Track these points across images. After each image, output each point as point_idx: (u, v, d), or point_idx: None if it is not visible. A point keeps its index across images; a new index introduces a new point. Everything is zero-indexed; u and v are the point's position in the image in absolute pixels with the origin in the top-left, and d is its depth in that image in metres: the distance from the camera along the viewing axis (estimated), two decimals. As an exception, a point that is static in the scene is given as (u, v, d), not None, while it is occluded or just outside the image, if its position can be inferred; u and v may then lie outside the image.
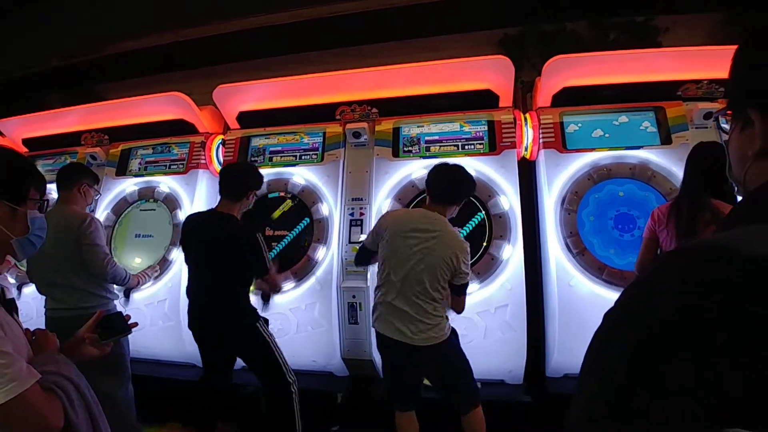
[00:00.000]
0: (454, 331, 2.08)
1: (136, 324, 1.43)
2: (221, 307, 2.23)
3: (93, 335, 1.27)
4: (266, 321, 2.34)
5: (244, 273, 2.29)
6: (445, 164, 2.13)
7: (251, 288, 2.42)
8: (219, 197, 2.35)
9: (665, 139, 2.63)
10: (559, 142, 2.71)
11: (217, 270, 2.22)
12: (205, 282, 2.27)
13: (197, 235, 2.30)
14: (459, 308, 2.11)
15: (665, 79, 2.67)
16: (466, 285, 2.06)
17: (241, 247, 2.22)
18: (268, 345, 2.27)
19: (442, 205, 2.06)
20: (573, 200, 2.58)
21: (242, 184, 2.33)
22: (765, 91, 0.48)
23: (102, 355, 1.29)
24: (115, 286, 2.51)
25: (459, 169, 2.10)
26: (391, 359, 2.12)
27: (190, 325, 2.32)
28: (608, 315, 0.45)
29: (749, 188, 0.51)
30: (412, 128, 2.94)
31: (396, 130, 2.94)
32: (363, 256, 2.24)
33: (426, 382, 2.17)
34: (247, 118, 3.22)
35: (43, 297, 2.40)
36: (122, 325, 1.38)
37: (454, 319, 2.17)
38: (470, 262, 2.05)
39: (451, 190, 2.07)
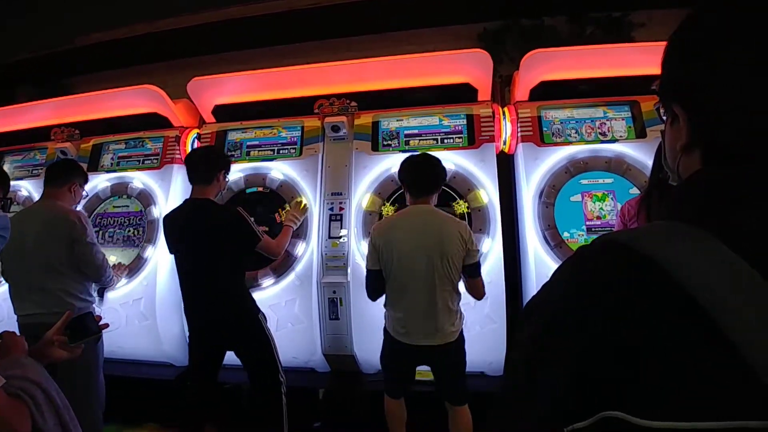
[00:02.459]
0: (463, 334, 2.07)
1: (107, 325, 1.39)
2: (221, 295, 2.18)
3: (62, 337, 1.22)
4: (265, 317, 2.30)
5: (237, 252, 2.23)
6: (415, 157, 2.12)
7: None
8: (191, 187, 2.29)
9: (640, 133, 2.67)
10: (537, 135, 2.73)
11: (210, 258, 2.16)
12: (200, 274, 2.20)
13: (180, 231, 2.23)
14: (479, 293, 2.06)
15: (640, 74, 2.70)
16: (479, 264, 2.03)
17: (225, 226, 2.17)
18: (268, 340, 2.24)
19: (426, 196, 2.04)
20: (551, 193, 2.61)
21: (209, 164, 2.27)
22: (684, 86, 0.49)
23: (72, 357, 1.24)
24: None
25: (429, 157, 2.10)
26: (403, 363, 2.11)
27: (189, 320, 2.27)
28: (527, 304, 0.48)
29: (682, 180, 0.53)
30: (391, 122, 2.93)
31: (375, 124, 2.92)
32: (372, 280, 2.05)
33: (422, 377, 2.18)
34: (223, 112, 3.16)
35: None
36: (93, 326, 1.33)
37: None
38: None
39: (429, 179, 2.05)
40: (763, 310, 0.32)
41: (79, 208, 3.17)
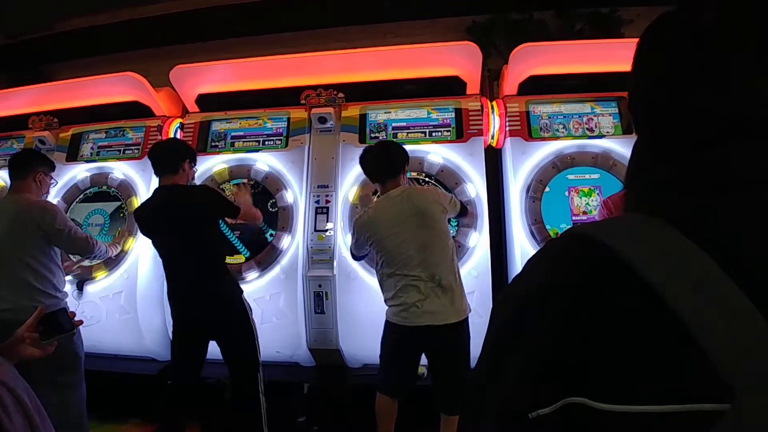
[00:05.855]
0: (468, 330, 2.04)
1: (81, 321, 1.34)
2: (205, 276, 2.16)
3: (33, 334, 1.17)
4: (250, 307, 2.28)
5: (215, 233, 2.25)
6: (370, 147, 2.18)
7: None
8: (158, 179, 2.26)
9: (627, 129, 2.68)
10: (525, 130, 2.72)
11: (190, 240, 2.13)
12: (182, 258, 2.17)
13: (155, 219, 2.20)
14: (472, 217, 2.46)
15: (628, 70, 2.71)
16: (464, 208, 2.23)
17: (200, 201, 2.18)
18: (252, 332, 2.22)
19: (391, 180, 2.07)
20: (538, 188, 2.61)
21: (172, 154, 2.24)
22: (629, 86, 0.53)
23: (45, 355, 1.20)
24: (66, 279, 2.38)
25: (382, 143, 2.20)
26: (406, 351, 2.05)
27: (175, 309, 2.24)
28: (499, 295, 0.50)
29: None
30: (379, 114, 2.89)
31: (363, 116, 2.88)
32: (356, 255, 2.28)
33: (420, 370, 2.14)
34: (207, 101, 3.08)
35: None
36: (66, 322, 1.28)
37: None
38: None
39: (386, 163, 2.09)
40: (713, 295, 0.33)
41: (54, 198, 3.10)
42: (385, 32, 3.78)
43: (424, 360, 2.14)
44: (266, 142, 2.98)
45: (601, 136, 2.68)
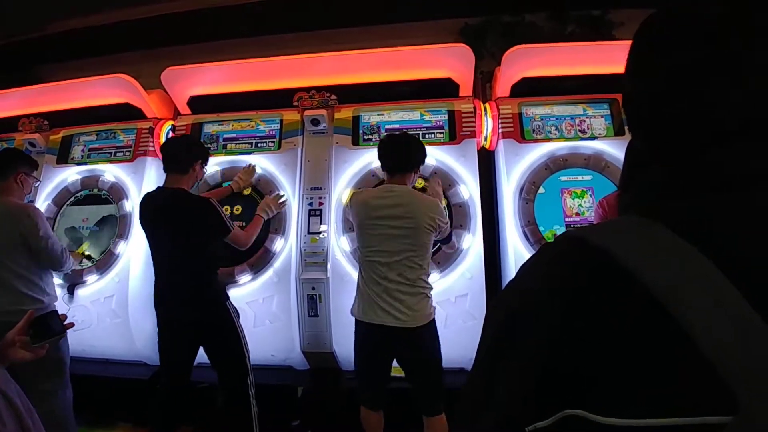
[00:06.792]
0: (435, 324, 2.05)
1: (72, 324, 1.33)
2: (190, 281, 2.14)
3: (24, 337, 1.16)
4: (237, 312, 2.27)
5: (206, 242, 2.19)
6: (394, 134, 2.15)
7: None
8: (165, 175, 2.24)
9: (618, 131, 2.70)
10: (518, 132, 2.73)
11: (180, 245, 2.12)
12: (170, 262, 2.17)
13: (152, 217, 2.19)
14: (453, 247, 2.42)
15: (619, 72, 2.72)
16: (450, 234, 2.19)
17: (196, 215, 2.14)
18: (238, 337, 2.21)
19: (401, 175, 2.05)
20: (531, 189, 2.62)
21: (185, 154, 2.22)
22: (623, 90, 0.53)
23: (36, 358, 1.19)
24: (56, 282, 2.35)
25: (407, 135, 2.15)
26: (372, 350, 2.04)
27: (159, 311, 2.22)
28: (494, 298, 0.49)
29: None
30: (372, 116, 2.88)
31: (356, 118, 2.87)
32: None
33: (397, 373, 2.13)
34: (199, 103, 3.07)
35: None
36: (57, 325, 1.27)
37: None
38: (433, 250, 2.08)
39: (402, 155, 2.06)
40: (715, 300, 0.31)
41: (44, 201, 3.07)
42: (379, 34, 3.78)
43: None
44: (259, 144, 2.96)
45: (593, 138, 2.70)
